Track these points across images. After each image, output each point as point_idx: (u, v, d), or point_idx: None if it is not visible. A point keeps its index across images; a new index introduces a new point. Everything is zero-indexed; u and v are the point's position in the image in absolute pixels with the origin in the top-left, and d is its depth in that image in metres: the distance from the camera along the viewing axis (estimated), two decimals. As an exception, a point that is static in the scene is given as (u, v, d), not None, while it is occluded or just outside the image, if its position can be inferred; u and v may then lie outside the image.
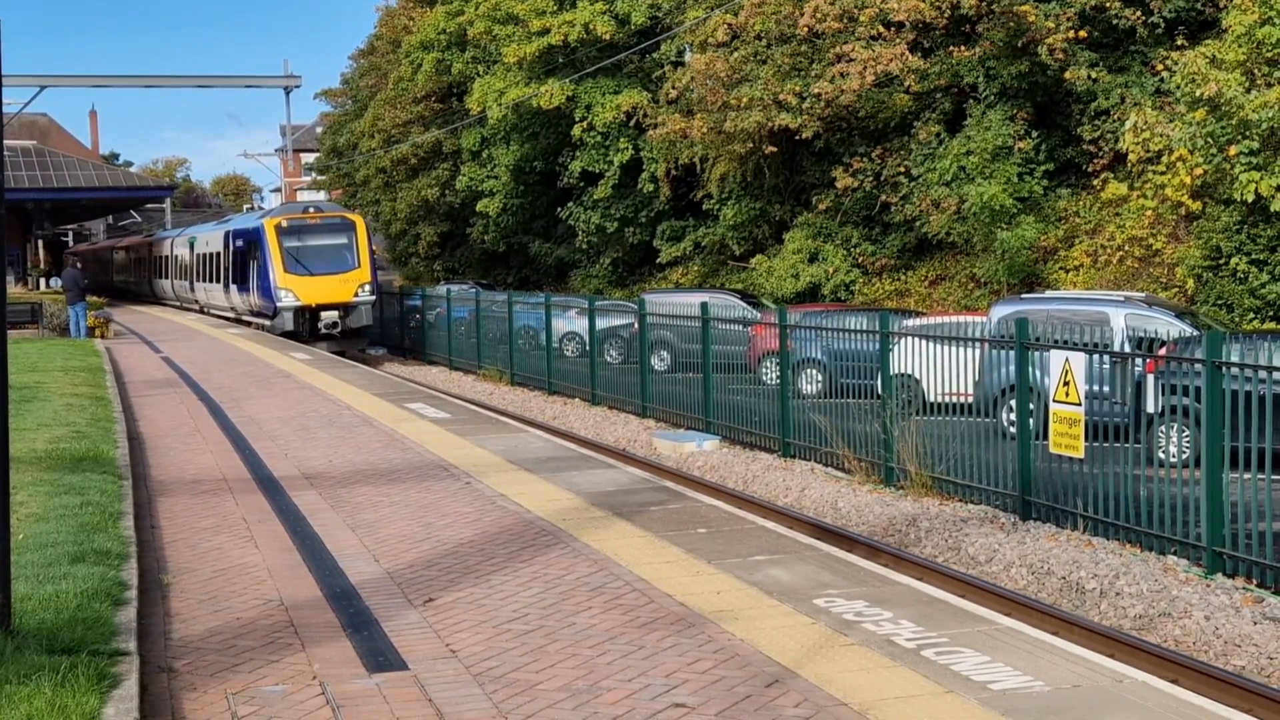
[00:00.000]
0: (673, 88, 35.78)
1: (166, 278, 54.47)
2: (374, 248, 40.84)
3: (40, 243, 50.48)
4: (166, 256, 54.18)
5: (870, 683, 6.64)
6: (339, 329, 36.38)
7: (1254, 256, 24.15)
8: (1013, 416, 15.21)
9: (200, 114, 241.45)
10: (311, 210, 38.03)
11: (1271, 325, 23.37)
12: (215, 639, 7.62)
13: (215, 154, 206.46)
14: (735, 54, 34.23)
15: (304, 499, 11.93)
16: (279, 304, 35.87)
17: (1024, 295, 23.39)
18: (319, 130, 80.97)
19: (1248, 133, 23.08)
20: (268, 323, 37.05)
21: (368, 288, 36.89)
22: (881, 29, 31.86)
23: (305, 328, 35.99)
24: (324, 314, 36.17)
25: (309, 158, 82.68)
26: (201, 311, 46.90)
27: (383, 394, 20.39)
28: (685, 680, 6.77)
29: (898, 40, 31.67)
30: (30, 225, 47.08)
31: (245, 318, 40.52)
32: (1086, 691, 6.49)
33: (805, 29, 32.43)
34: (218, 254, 42.66)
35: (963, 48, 31.41)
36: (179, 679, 6.90)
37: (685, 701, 6.44)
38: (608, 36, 40.24)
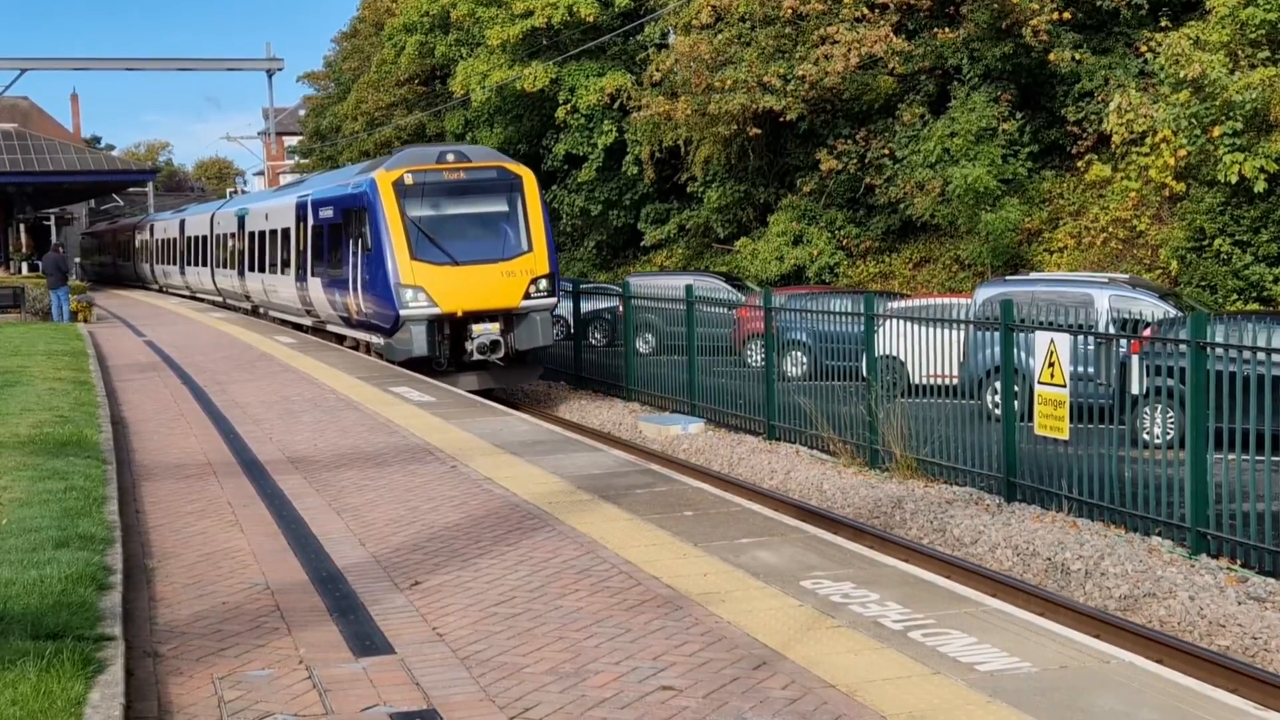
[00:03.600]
0: (657, 70, 35.68)
1: (203, 264, 43.40)
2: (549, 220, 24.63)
3: (22, 227, 50.16)
4: (205, 237, 42.83)
5: (858, 664, 6.65)
6: (501, 352, 22.84)
7: (1237, 238, 24.21)
8: (998, 398, 15.23)
9: (182, 97, 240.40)
10: (451, 158, 23.57)
11: (1255, 306, 23.43)
12: (201, 624, 7.59)
13: (197, 137, 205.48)
14: (719, 36, 34.15)
15: (289, 483, 11.89)
16: (402, 310, 22.41)
17: (1008, 277, 23.43)
18: (302, 113, 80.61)
19: (1231, 114, 23.11)
20: (377, 339, 23.94)
21: (545, 284, 23.03)
22: (865, 11, 31.82)
23: (444, 350, 22.82)
24: (475, 327, 22.71)
25: (292, 140, 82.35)
26: (255, 312, 35.91)
27: (367, 377, 20.33)
28: (673, 663, 6.76)
29: (882, 22, 31.63)
30: (12, 209, 46.79)
31: (331, 326, 27.53)
32: (1073, 672, 6.50)
33: (789, 11, 32.36)
34: (284, 232, 30.47)
35: (947, 30, 31.38)
36: (165, 664, 6.87)
37: (673, 684, 6.44)
38: (591, 19, 40.10)
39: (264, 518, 10.47)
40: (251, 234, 34.81)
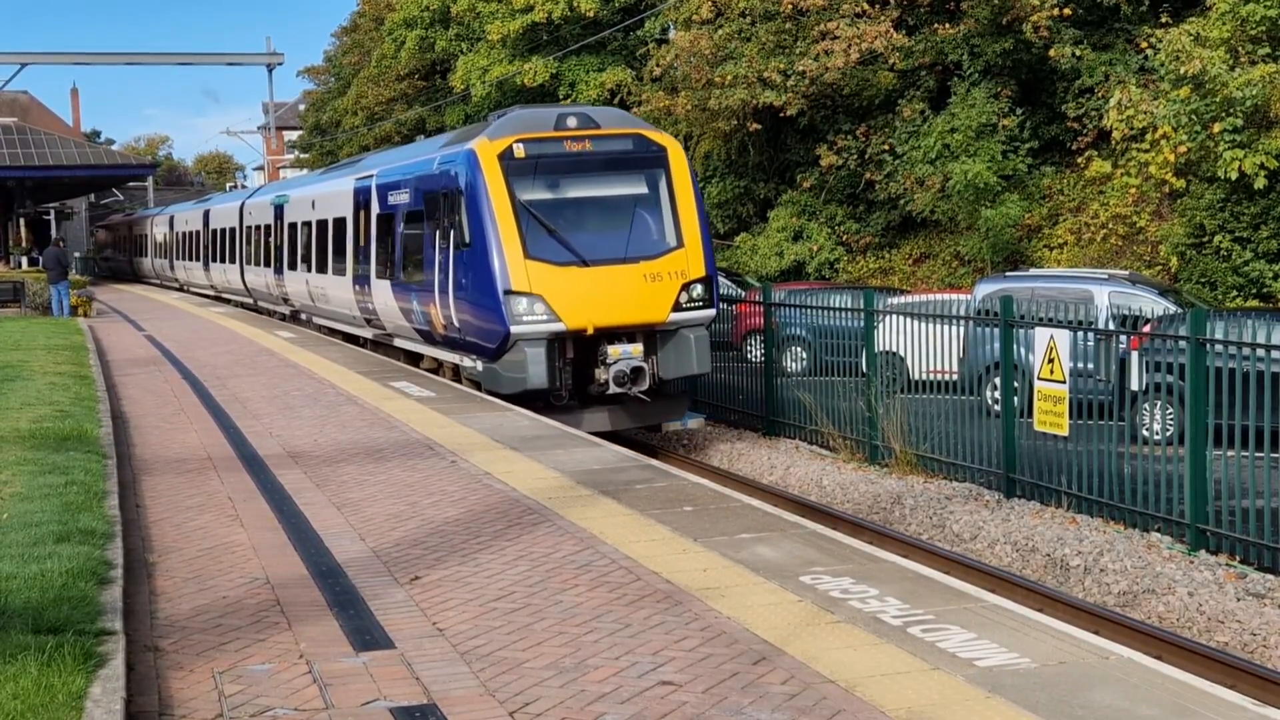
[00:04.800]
0: (657, 65, 35.66)
1: (231, 260, 38.51)
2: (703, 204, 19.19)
3: (22, 221, 50.16)
4: (233, 229, 37.88)
5: (857, 660, 6.66)
6: (645, 383, 17.57)
7: (1237, 234, 24.22)
8: (997, 394, 15.24)
9: (182, 92, 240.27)
10: (574, 123, 18.15)
11: (1254, 303, 23.44)
12: (201, 618, 7.60)
13: (197, 131, 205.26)
14: (719, 31, 34.13)
15: (289, 477, 11.90)
16: (512, 326, 17.10)
17: (1008, 273, 23.43)
18: (302, 108, 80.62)
19: (1231, 110, 23.11)
20: (471, 363, 18.51)
21: (701, 291, 17.87)
22: (866, 6, 31.81)
23: (565, 379, 17.73)
24: (611, 349, 17.52)
25: (292, 135, 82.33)
26: (294, 318, 31.69)
27: (367, 372, 20.33)
28: (672, 658, 6.77)
29: (882, 18, 31.62)
30: (11, 203, 46.78)
31: (402, 341, 22.02)
32: (1072, 668, 6.51)
33: (789, 6, 32.34)
34: (337, 222, 25.41)
35: (947, 25, 31.35)
36: (165, 658, 6.88)
37: (672, 679, 6.45)
38: (591, 14, 40.08)
39: (264, 512, 10.48)
40: (293, 225, 29.92)
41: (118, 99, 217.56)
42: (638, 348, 17.44)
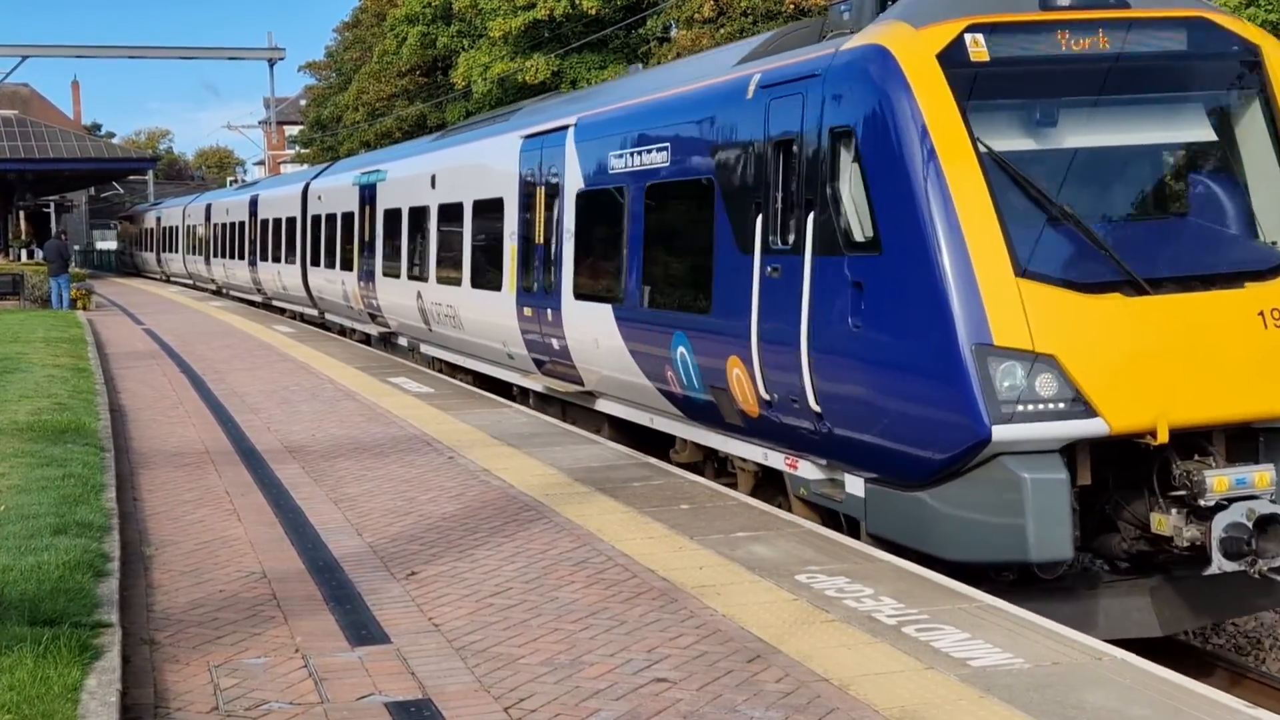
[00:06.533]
0: (659, 64, 35.69)
1: (288, 260, 30.89)
2: None
3: (22, 214, 50.21)
4: (293, 219, 30.42)
5: (851, 659, 6.67)
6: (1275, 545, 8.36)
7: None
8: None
9: (183, 86, 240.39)
10: None
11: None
12: (197, 611, 7.62)
13: (198, 125, 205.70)
14: (721, 30, 34.15)
15: (286, 472, 11.92)
16: (994, 423, 8.31)
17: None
18: (303, 103, 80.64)
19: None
20: (819, 473, 10.15)
21: None
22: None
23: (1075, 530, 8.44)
24: (1215, 477, 8.36)
25: (293, 130, 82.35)
26: (405, 350, 22.90)
27: (365, 368, 20.35)
28: (667, 655, 6.79)
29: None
30: (11, 196, 46.83)
31: (632, 409, 13.56)
32: (1066, 669, 6.53)
33: (792, 6, 32.36)
34: (488, 207, 17.15)
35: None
36: (161, 651, 6.90)
37: (667, 676, 6.47)
38: (594, 11, 40.07)
39: (261, 506, 10.50)
40: (392, 213, 22.02)
41: (119, 93, 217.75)
42: (1266, 472, 8.55)
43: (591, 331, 13.60)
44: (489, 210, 17.11)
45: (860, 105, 9.25)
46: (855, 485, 9.57)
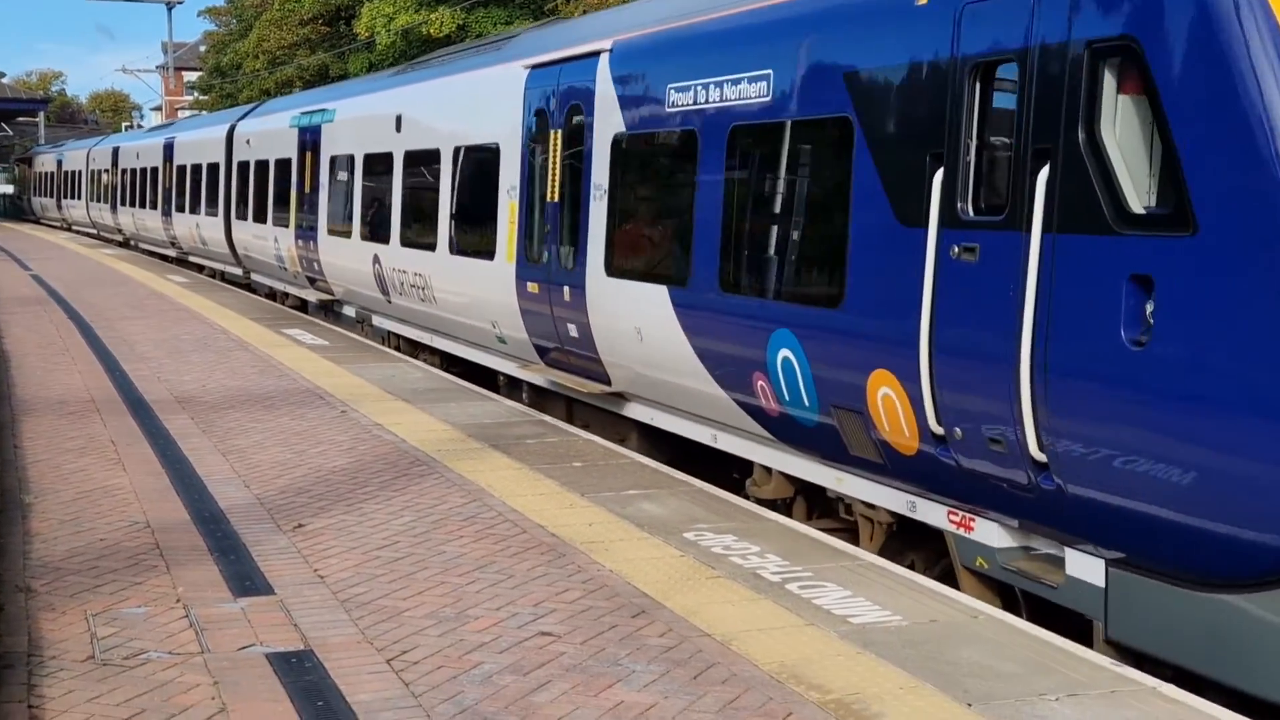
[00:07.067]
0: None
1: (275, 219, 22.72)
2: None
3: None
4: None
5: (734, 614, 6.75)
6: None
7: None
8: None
9: (76, 27, 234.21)
10: None
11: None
12: (76, 560, 7.50)
13: (93, 68, 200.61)
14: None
15: (175, 423, 11.75)
16: None
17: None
18: (202, 49, 78.99)
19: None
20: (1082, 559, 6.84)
21: None
22: None
23: None
24: None
25: (191, 76, 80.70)
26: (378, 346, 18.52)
27: (260, 319, 20.09)
28: (553, 609, 6.82)
29: None
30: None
31: (723, 435, 10.28)
32: (942, 625, 6.67)
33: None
34: (480, 159, 14.20)
35: None
36: (37, 599, 6.79)
37: (552, 630, 6.50)
38: (501, -35, 39.75)
39: (148, 457, 10.34)
40: (340, 160, 18.98)
41: (7, 32, 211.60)
42: None
43: (631, 319, 10.78)
44: (478, 159, 14.21)
45: (1153, 4, 6.21)
46: (1088, 568, 6.76)
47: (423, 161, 15.84)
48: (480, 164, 14.14)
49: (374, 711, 5.42)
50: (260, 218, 23.53)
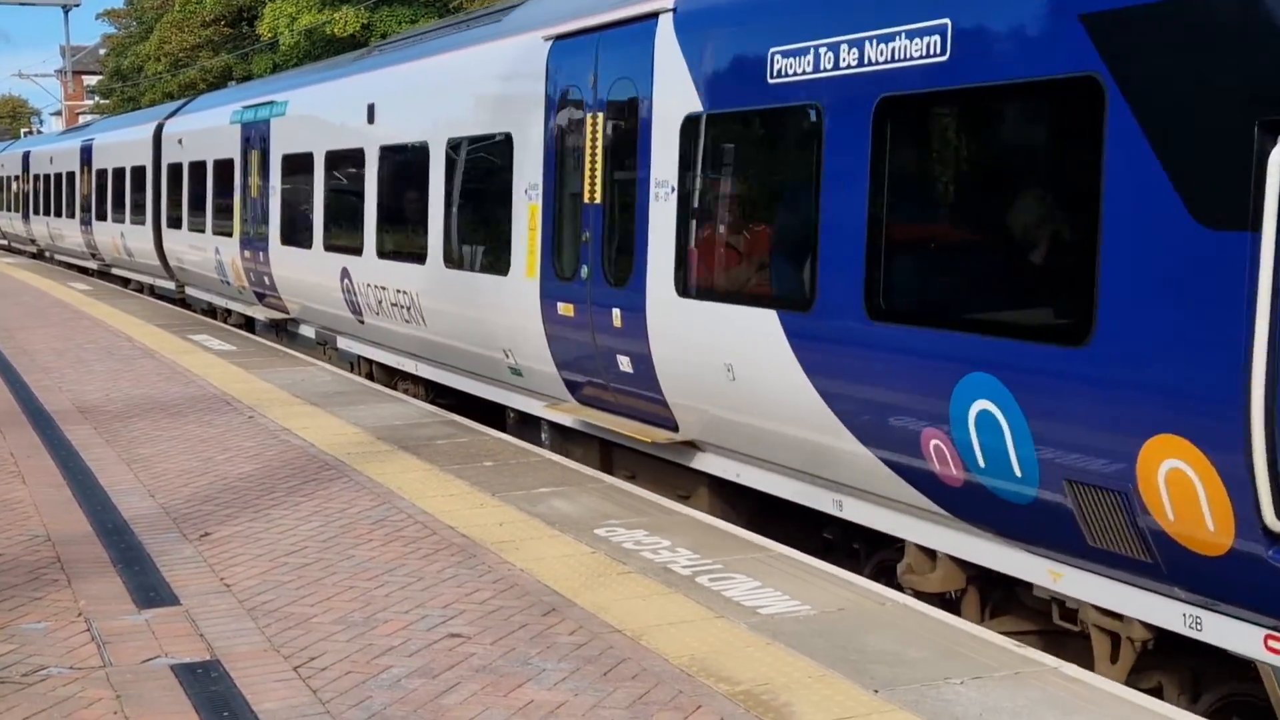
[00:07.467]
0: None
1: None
2: None
3: None
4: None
5: (644, 609, 6.77)
6: None
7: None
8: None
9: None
10: None
11: None
12: (-25, 577, 7.34)
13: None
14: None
15: (77, 433, 11.54)
16: None
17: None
18: (102, 52, 77.65)
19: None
20: None
21: None
22: None
23: None
24: None
25: (91, 80, 79.29)
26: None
27: (166, 325, 19.79)
28: (463, 610, 6.79)
29: None
30: None
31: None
32: (850, 613, 6.73)
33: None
34: (492, 147, 12.06)
35: None
36: (-66, 618, 6.64)
37: (461, 631, 6.47)
38: (404, -37, 39.49)
39: (49, 468, 10.15)
40: (295, 160, 17.19)
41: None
42: None
43: (717, 351, 8.67)
44: (481, 153, 12.27)
45: None
46: None
47: (404, 157, 13.76)
48: (485, 159, 12.19)
49: (281, 720, 5.37)
50: (197, 226, 21.51)
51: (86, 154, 30.51)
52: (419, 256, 13.09)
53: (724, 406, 8.78)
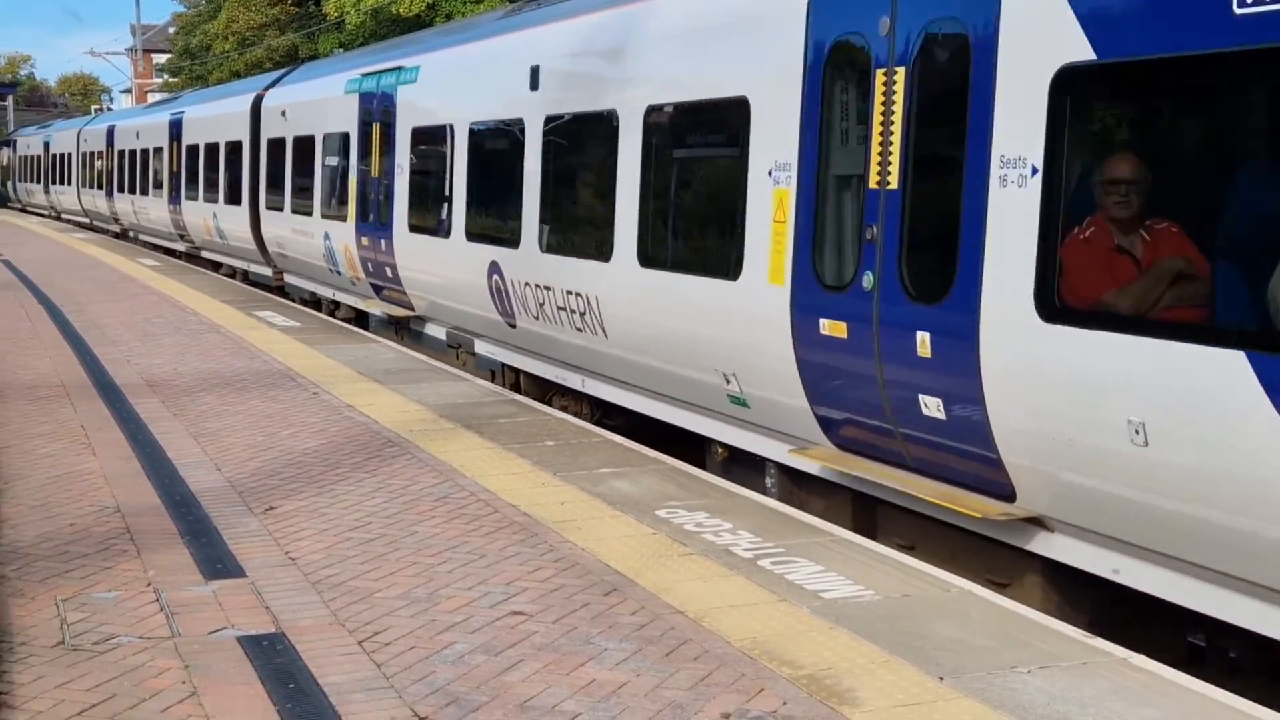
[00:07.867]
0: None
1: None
2: None
3: None
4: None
5: (706, 591, 6.76)
6: None
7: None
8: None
9: (43, 10, 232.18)
10: None
11: None
12: (46, 545, 7.45)
13: (60, 51, 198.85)
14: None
15: (146, 406, 11.68)
16: None
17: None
18: (171, 30, 78.39)
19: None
20: None
21: None
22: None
23: None
24: None
25: (160, 59, 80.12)
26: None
27: (232, 301, 19.98)
28: (525, 589, 6.81)
29: None
30: None
31: None
32: (915, 600, 6.68)
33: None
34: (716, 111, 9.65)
35: None
36: (7, 585, 6.74)
37: (524, 609, 6.49)
38: (471, -57, 39.51)
39: (118, 441, 10.28)
40: (428, 133, 15.23)
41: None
42: None
43: (1116, 401, 6.21)
44: (697, 124, 10.19)
45: None
46: None
47: (582, 130, 11.61)
48: (702, 130, 10.13)
49: (346, 693, 5.40)
50: (303, 208, 19.38)
51: (176, 128, 28.64)
52: (602, 252, 10.87)
53: (1117, 480, 6.32)
